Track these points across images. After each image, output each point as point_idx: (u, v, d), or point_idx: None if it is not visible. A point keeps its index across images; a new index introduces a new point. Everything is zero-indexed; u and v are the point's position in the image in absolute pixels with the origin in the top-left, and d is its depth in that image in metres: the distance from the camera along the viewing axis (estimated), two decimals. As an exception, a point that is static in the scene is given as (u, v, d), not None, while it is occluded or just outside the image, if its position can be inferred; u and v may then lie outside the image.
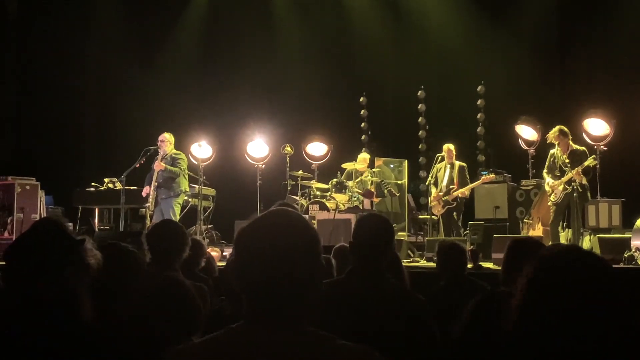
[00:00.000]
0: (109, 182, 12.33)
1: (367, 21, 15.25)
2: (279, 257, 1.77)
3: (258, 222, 1.87)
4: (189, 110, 14.61)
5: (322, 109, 14.84)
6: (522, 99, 13.36)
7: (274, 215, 1.89)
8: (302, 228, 1.85)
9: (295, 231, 1.83)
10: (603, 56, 13.04)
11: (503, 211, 11.72)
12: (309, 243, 1.84)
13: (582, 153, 10.19)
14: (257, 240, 1.81)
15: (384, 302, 3.33)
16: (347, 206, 11.88)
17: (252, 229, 1.85)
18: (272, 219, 1.86)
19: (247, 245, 1.82)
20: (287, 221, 1.85)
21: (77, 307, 2.42)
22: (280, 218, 1.87)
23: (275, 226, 1.83)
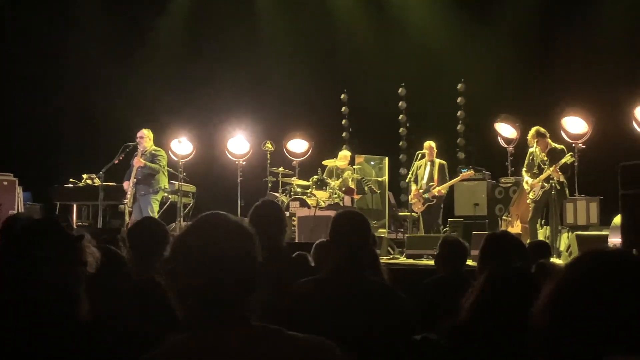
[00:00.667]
0: (87, 178, 12.25)
1: (349, 18, 15.26)
2: (215, 259, 1.78)
3: (192, 227, 1.89)
4: (169, 106, 14.53)
5: (303, 105, 14.83)
6: (501, 97, 13.42)
7: (208, 219, 1.91)
8: (236, 229, 1.87)
9: (230, 233, 1.85)
10: (582, 55, 13.13)
11: (482, 208, 11.79)
12: (243, 243, 1.85)
13: (560, 151, 10.26)
14: (193, 245, 1.83)
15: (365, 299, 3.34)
16: (328, 203, 11.89)
17: (186, 235, 1.87)
18: (205, 223, 1.89)
19: (183, 250, 1.84)
20: (221, 224, 1.88)
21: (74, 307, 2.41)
22: (214, 221, 1.89)
23: (209, 229, 1.86)
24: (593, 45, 13.03)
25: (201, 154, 13.62)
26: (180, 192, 12.07)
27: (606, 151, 11.19)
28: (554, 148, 10.32)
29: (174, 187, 12.13)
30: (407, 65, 14.89)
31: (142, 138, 11.29)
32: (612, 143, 11.49)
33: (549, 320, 1.62)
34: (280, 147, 13.85)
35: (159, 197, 11.39)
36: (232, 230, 1.86)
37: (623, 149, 10.68)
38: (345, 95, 15.30)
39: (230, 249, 1.81)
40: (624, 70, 12.66)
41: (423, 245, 10.71)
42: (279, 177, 12.75)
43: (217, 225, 1.87)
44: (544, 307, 1.65)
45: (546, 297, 1.66)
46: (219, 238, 1.83)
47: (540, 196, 10.27)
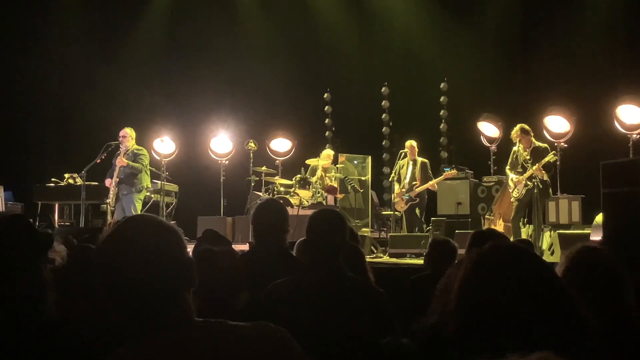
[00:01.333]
0: (69, 178, 12.16)
1: (331, 17, 15.26)
2: (139, 264, 1.76)
3: (115, 232, 1.86)
4: (151, 105, 14.46)
5: (286, 104, 14.82)
6: (484, 96, 13.48)
7: (130, 221, 1.90)
8: (159, 227, 1.85)
9: (151, 235, 1.82)
10: (564, 54, 13.22)
11: (465, 207, 11.83)
12: (166, 244, 1.83)
13: (543, 150, 10.32)
14: (119, 250, 1.80)
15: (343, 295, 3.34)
16: (311, 202, 11.89)
17: (111, 240, 1.84)
18: (128, 226, 1.87)
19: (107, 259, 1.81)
20: (144, 224, 1.86)
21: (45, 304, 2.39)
22: (135, 223, 1.88)
23: (132, 232, 1.83)
24: (574, 44, 13.12)
25: (184, 153, 13.57)
26: (163, 191, 12.02)
27: (588, 150, 11.26)
28: (537, 147, 10.37)
29: (156, 187, 12.08)
30: (390, 65, 14.93)
31: (125, 137, 11.24)
32: (593, 142, 11.56)
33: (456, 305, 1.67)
34: (263, 146, 13.82)
35: (142, 196, 11.35)
36: (156, 228, 1.84)
37: (604, 148, 10.76)
38: (328, 94, 15.30)
39: (157, 247, 1.79)
40: (606, 69, 12.77)
41: (406, 244, 10.75)
42: (262, 177, 12.73)
43: (137, 227, 1.84)
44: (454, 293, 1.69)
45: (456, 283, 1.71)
46: (144, 237, 1.80)
47: (524, 195, 10.32)
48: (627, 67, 12.50)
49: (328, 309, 3.26)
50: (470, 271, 1.72)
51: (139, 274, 1.76)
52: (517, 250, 1.76)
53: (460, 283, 1.72)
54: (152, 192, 11.94)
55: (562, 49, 13.26)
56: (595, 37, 13.01)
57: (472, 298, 1.67)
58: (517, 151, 10.45)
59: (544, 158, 10.10)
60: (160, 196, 11.99)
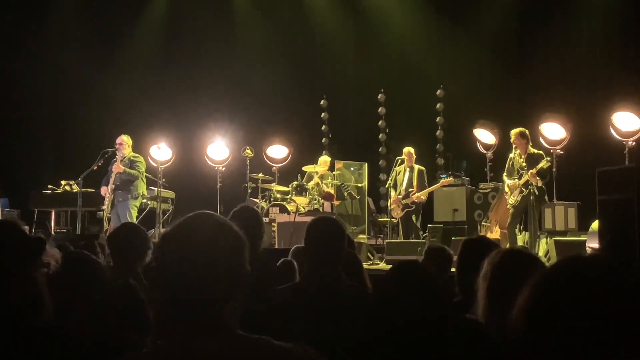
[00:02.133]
0: (65, 185, 12.15)
1: (328, 24, 15.29)
2: (201, 261, 1.71)
3: (179, 226, 1.80)
4: (148, 112, 14.46)
5: (282, 111, 14.83)
6: (480, 103, 13.50)
7: (196, 218, 1.82)
8: (225, 231, 1.79)
9: (218, 234, 1.76)
10: (560, 61, 13.25)
11: (461, 214, 11.83)
12: (232, 246, 1.77)
13: (538, 156, 10.34)
14: (179, 245, 1.74)
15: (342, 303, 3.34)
16: (308, 209, 11.89)
17: (173, 234, 1.78)
18: (194, 223, 1.80)
19: (168, 250, 1.76)
20: (210, 225, 1.79)
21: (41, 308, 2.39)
22: (202, 221, 1.81)
23: (197, 229, 1.77)
24: (570, 51, 13.16)
25: (180, 160, 13.57)
26: (159, 198, 12.01)
27: (584, 157, 11.29)
28: (532, 154, 10.39)
29: (153, 193, 12.07)
30: (386, 72, 14.96)
31: (121, 144, 11.26)
32: (589, 149, 11.59)
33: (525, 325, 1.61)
34: (260, 153, 13.83)
35: (138, 203, 11.36)
36: (219, 232, 1.77)
37: (600, 155, 10.79)
38: (324, 101, 15.30)
39: (216, 252, 1.72)
40: (602, 76, 12.79)
41: (402, 250, 10.74)
42: (259, 183, 12.73)
43: (203, 226, 1.77)
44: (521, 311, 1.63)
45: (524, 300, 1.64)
46: (205, 240, 1.74)
47: (519, 201, 10.34)
48: (623, 74, 12.53)
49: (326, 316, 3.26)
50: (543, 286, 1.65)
51: (192, 275, 1.70)
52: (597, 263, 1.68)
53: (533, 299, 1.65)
54: (149, 198, 11.94)
55: (558, 55, 13.30)
56: (591, 44, 13.05)
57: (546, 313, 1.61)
58: (513, 158, 10.48)
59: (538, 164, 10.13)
60: (157, 203, 11.98)
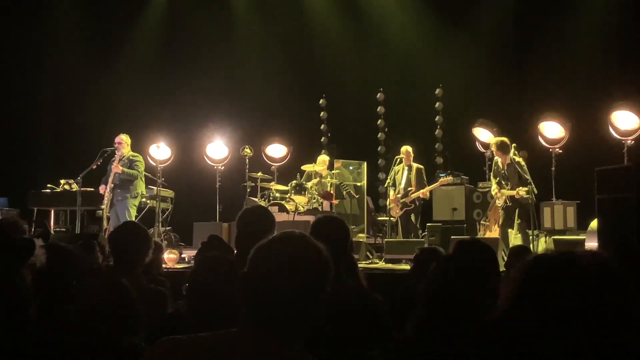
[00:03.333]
0: (65, 184, 12.16)
1: (327, 23, 15.28)
2: (292, 274, 1.85)
3: (278, 239, 1.97)
4: (147, 111, 14.46)
5: (281, 110, 14.83)
6: (479, 102, 13.51)
7: (293, 236, 1.98)
8: (317, 251, 1.93)
9: (311, 253, 1.91)
10: (559, 60, 13.26)
11: (460, 213, 11.83)
12: (321, 267, 1.91)
13: (517, 164, 10.38)
14: (274, 255, 1.90)
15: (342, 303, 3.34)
16: (307, 208, 11.90)
17: (271, 244, 1.94)
18: (290, 239, 1.96)
19: (263, 257, 1.91)
20: (304, 243, 1.94)
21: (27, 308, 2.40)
22: (298, 239, 1.96)
23: (292, 245, 1.92)
24: (569, 50, 13.17)
25: (180, 159, 13.57)
26: (159, 197, 12.01)
27: (583, 156, 11.31)
28: (511, 163, 10.40)
29: (152, 192, 12.07)
30: (385, 71, 14.96)
31: (121, 143, 11.26)
32: (588, 148, 11.61)
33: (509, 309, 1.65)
34: (259, 152, 13.83)
35: (137, 202, 11.37)
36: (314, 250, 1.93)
37: (599, 154, 10.81)
38: (323, 100, 15.31)
39: (308, 267, 1.88)
40: (600, 75, 12.81)
41: (401, 250, 10.76)
42: (258, 182, 12.74)
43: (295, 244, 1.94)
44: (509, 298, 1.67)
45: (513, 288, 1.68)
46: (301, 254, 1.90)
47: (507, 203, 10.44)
48: (622, 73, 12.55)
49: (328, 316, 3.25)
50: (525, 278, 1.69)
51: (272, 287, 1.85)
52: None
53: None
54: (148, 198, 11.93)
55: (557, 54, 13.31)
56: (589, 43, 13.05)
57: None
58: (497, 162, 10.60)
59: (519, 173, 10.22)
60: (156, 202, 11.98)
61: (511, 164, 10.42)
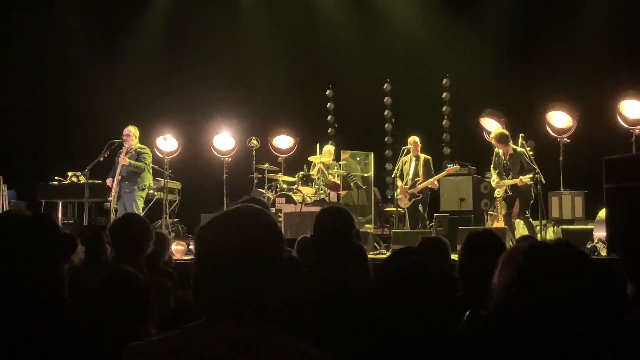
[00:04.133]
0: (72, 176, 12.18)
1: (333, 14, 15.25)
2: (242, 252, 1.75)
3: (221, 217, 1.84)
4: (154, 103, 14.48)
5: (288, 101, 14.81)
6: (486, 92, 13.46)
7: (238, 211, 1.87)
8: (265, 224, 1.83)
9: (259, 227, 1.81)
10: (566, 49, 13.19)
11: (468, 203, 11.80)
12: (272, 239, 1.82)
13: (520, 154, 10.43)
14: (220, 236, 1.79)
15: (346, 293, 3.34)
16: (314, 199, 11.89)
17: (214, 225, 1.83)
18: (235, 215, 1.84)
19: (209, 240, 1.80)
20: (251, 217, 1.83)
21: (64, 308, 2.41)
22: (244, 214, 1.85)
23: (238, 222, 1.81)
24: (577, 39, 13.10)
25: (187, 150, 13.58)
26: (166, 189, 12.02)
27: (591, 145, 11.26)
28: (514, 153, 10.46)
29: (159, 184, 12.09)
30: (392, 61, 14.93)
31: (128, 136, 11.28)
32: (596, 137, 11.56)
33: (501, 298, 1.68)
34: (266, 144, 13.83)
35: (144, 194, 11.38)
36: (257, 221, 1.82)
37: (607, 143, 10.76)
38: (330, 91, 15.29)
39: (258, 243, 1.78)
40: (608, 64, 12.75)
41: (409, 240, 10.73)
42: (265, 174, 12.74)
43: (242, 215, 1.83)
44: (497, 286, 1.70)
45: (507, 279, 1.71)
46: (242, 227, 1.79)
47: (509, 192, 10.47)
48: (630, 61, 12.49)
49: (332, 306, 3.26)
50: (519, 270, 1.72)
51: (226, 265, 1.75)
52: None
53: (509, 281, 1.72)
54: (155, 189, 11.95)
55: (565, 43, 13.24)
56: (597, 32, 12.99)
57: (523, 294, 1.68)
58: (498, 153, 10.63)
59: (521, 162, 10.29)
60: (163, 194, 12.00)
61: (514, 154, 10.45)
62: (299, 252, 5.15)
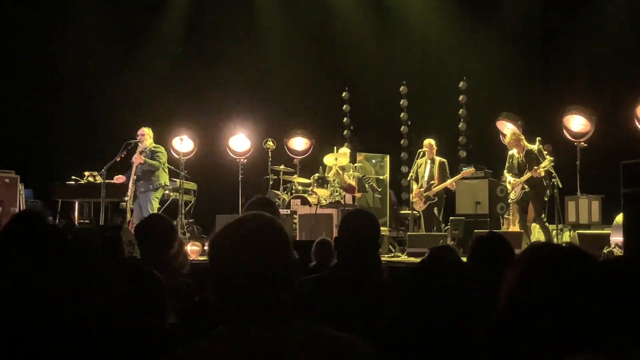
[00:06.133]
0: (89, 176, 12.23)
1: (349, 16, 15.23)
2: (255, 258, 1.85)
3: (231, 226, 1.94)
4: (170, 104, 14.54)
5: (304, 103, 14.83)
6: (503, 95, 13.41)
7: (247, 219, 1.97)
8: (274, 230, 1.93)
9: (269, 233, 1.91)
10: (584, 52, 13.12)
11: (484, 207, 11.76)
12: (281, 243, 1.91)
13: (538, 152, 10.43)
14: (232, 244, 1.88)
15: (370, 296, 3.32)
16: (329, 201, 11.89)
17: (226, 234, 1.92)
18: (244, 223, 1.94)
19: (223, 250, 1.90)
20: (260, 224, 1.93)
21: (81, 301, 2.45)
22: (252, 222, 1.95)
23: (248, 229, 1.91)
24: (595, 43, 13.01)
25: (203, 151, 13.62)
26: (182, 189, 12.06)
27: (608, 150, 11.20)
28: (530, 150, 10.45)
29: (175, 185, 12.13)
30: (408, 63, 14.89)
31: (143, 136, 11.33)
32: (614, 141, 11.49)
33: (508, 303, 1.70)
34: (282, 145, 13.85)
35: (159, 194, 11.42)
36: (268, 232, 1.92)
37: (625, 148, 10.69)
38: (346, 93, 15.29)
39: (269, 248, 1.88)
40: (626, 68, 12.65)
41: (424, 243, 10.70)
42: (280, 175, 12.75)
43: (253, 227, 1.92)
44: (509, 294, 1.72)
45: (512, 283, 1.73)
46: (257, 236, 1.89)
47: (521, 196, 10.45)
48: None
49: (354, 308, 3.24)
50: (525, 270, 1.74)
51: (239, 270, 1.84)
52: None
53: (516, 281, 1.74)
54: (171, 190, 11.99)
55: (583, 47, 13.16)
56: (615, 36, 12.90)
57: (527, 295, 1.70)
58: (513, 155, 10.58)
59: (538, 159, 10.25)
60: (179, 194, 12.04)
61: (529, 151, 10.44)
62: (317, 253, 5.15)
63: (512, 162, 10.67)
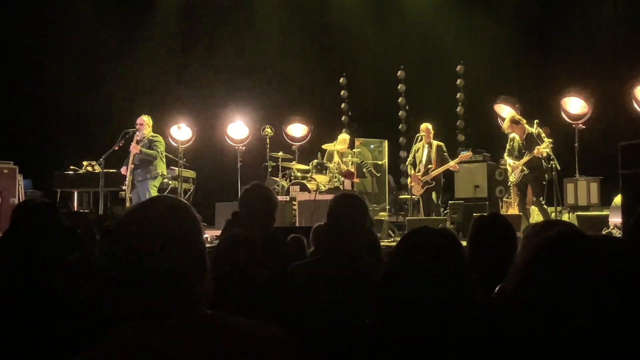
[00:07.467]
0: (87, 165, 12.25)
1: (346, 2, 15.19)
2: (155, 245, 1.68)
3: (132, 212, 1.78)
4: (168, 92, 14.52)
5: (302, 90, 14.81)
6: (501, 79, 13.40)
7: (152, 200, 1.85)
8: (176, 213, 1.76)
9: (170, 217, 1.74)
10: (582, 35, 13.10)
11: (483, 190, 11.78)
12: (185, 228, 1.75)
13: (537, 135, 10.36)
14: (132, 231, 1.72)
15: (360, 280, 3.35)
16: (328, 187, 11.89)
17: (126, 220, 1.76)
18: (151, 208, 1.78)
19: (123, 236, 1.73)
20: (165, 204, 1.78)
21: None
22: (157, 202, 1.81)
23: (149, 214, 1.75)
24: (592, 25, 12.99)
25: (201, 139, 13.61)
26: (181, 177, 12.06)
27: (606, 131, 11.20)
28: (531, 133, 10.38)
29: (174, 173, 12.13)
30: (405, 48, 14.87)
31: (142, 124, 11.28)
32: (612, 123, 11.49)
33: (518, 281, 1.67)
34: (280, 132, 13.84)
35: (157, 183, 11.39)
36: (177, 213, 1.76)
37: (623, 129, 10.69)
38: (344, 78, 15.27)
39: (175, 233, 1.71)
40: (624, 50, 12.63)
41: (424, 227, 10.72)
42: (279, 162, 12.75)
43: (160, 208, 1.76)
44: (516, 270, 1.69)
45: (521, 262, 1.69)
46: (163, 222, 1.72)
47: (520, 179, 10.42)
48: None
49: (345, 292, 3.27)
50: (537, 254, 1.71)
51: (148, 255, 1.68)
52: None
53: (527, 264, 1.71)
54: (170, 178, 12.00)
55: (580, 29, 13.14)
56: (613, 18, 12.87)
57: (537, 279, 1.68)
58: (513, 139, 10.54)
59: (538, 142, 10.18)
60: (178, 182, 12.04)
61: (530, 134, 10.40)
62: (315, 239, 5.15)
63: (512, 145, 10.64)
